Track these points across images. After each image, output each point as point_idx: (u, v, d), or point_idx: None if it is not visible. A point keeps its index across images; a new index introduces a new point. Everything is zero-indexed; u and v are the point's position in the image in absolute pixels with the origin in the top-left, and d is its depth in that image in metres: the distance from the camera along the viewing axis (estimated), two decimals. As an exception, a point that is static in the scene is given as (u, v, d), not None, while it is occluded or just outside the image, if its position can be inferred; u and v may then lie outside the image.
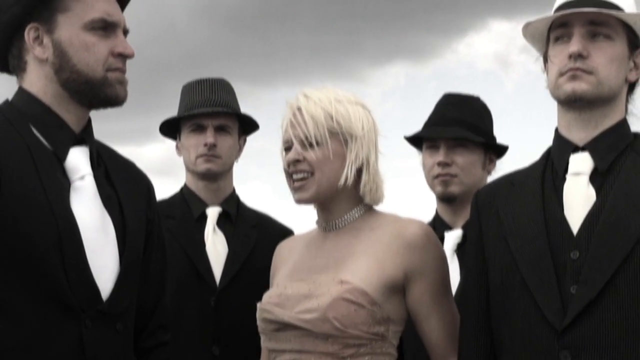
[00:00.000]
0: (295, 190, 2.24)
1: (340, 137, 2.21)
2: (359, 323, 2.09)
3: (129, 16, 2.12)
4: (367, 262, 2.16)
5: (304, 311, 2.12)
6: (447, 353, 2.20)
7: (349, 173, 2.21)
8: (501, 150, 2.97)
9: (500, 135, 2.97)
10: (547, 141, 2.17)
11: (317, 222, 2.33)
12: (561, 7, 2.09)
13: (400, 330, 2.21)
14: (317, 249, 2.29)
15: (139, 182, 2.24)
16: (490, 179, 2.88)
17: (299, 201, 2.25)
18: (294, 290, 2.19)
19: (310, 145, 2.20)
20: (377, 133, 2.29)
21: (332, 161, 2.20)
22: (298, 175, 2.22)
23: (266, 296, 2.27)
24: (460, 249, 2.77)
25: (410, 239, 2.17)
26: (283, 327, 2.17)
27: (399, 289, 2.17)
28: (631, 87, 2.14)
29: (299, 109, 2.23)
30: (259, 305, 2.27)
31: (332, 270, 2.18)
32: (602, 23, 2.04)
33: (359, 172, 2.24)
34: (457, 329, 2.21)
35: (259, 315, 2.26)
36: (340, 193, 2.24)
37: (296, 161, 2.21)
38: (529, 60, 2.22)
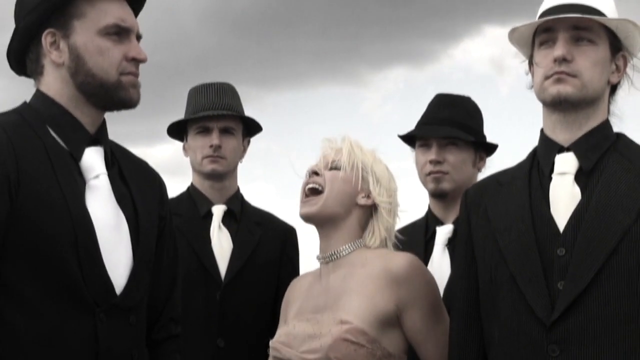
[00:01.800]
0: (303, 203, 2.30)
1: (361, 173, 2.29)
2: None
3: (141, 22, 2.13)
4: (359, 300, 2.17)
5: (308, 351, 2.14)
6: None
7: (355, 212, 2.29)
8: (491, 149, 2.97)
9: (497, 135, 2.98)
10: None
11: (318, 257, 2.35)
12: (545, 13, 2.09)
13: None
14: (319, 287, 2.31)
15: (151, 181, 2.23)
16: (480, 176, 2.88)
17: (304, 215, 2.30)
18: (300, 330, 2.20)
19: (335, 168, 2.29)
20: (398, 206, 2.37)
21: (345, 184, 2.28)
22: (310, 185, 2.29)
23: (277, 334, 2.29)
24: (451, 244, 2.77)
25: (396, 273, 2.18)
26: None
27: (393, 321, 2.18)
28: (613, 89, 2.14)
29: (339, 150, 2.33)
30: (270, 343, 2.29)
31: (331, 309, 2.19)
32: (586, 28, 2.04)
33: (370, 214, 2.31)
34: None
35: (270, 352, 2.28)
36: (344, 222, 2.28)
37: (315, 172, 2.30)
38: (522, 64, 2.22)
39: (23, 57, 2.09)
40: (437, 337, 2.20)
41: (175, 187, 3.23)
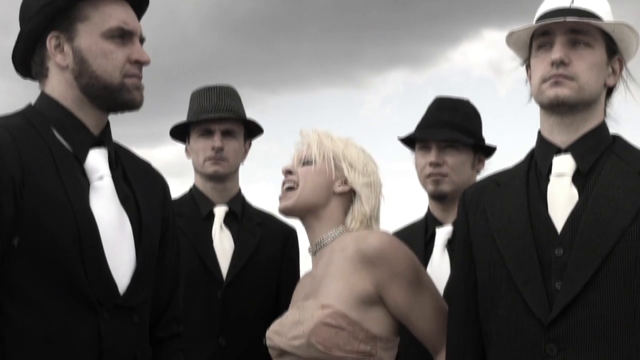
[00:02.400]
0: (280, 199, 2.34)
1: (333, 162, 2.30)
2: (341, 344, 2.10)
3: (144, 26, 2.12)
4: (337, 284, 2.17)
5: (293, 337, 2.15)
6: (438, 344, 2.21)
7: (330, 198, 2.30)
8: (489, 151, 2.97)
9: (495, 137, 2.98)
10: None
11: (308, 250, 2.38)
12: (543, 17, 2.09)
13: (392, 345, 2.20)
14: (309, 276, 2.35)
15: (155, 181, 2.23)
16: (479, 177, 2.87)
17: (281, 209, 2.35)
18: (289, 317, 2.21)
19: (307, 163, 2.32)
20: (380, 185, 2.36)
21: (318, 176, 2.29)
22: (286, 184, 2.33)
23: (272, 324, 2.31)
24: (450, 244, 2.76)
25: (368, 253, 2.18)
26: (281, 352, 2.20)
27: (375, 300, 2.16)
28: (609, 92, 2.14)
29: (309, 144, 2.35)
30: (267, 334, 2.31)
31: (313, 295, 2.21)
32: (582, 31, 2.04)
33: (351, 199, 2.31)
34: (443, 319, 2.20)
35: (267, 342, 2.29)
36: (324, 211, 2.30)
37: (289, 171, 2.33)
38: (520, 67, 2.21)
39: (28, 60, 2.09)
40: (422, 309, 2.19)
41: (177, 188, 3.23)
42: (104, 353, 1.95)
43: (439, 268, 2.72)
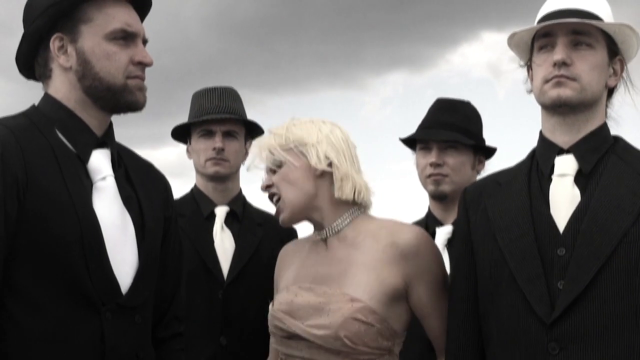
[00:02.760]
0: (277, 214, 2.26)
1: (295, 150, 2.21)
2: (368, 340, 2.07)
3: (147, 28, 2.12)
4: (367, 275, 2.12)
5: (315, 326, 2.09)
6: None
7: (314, 176, 2.20)
8: (490, 152, 2.97)
9: (494, 138, 2.98)
10: (536, 143, 2.16)
11: (315, 235, 2.29)
12: (544, 18, 2.09)
13: (402, 340, 2.19)
14: (320, 256, 2.24)
15: (157, 182, 2.23)
16: (479, 178, 2.88)
17: (282, 222, 2.26)
18: (304, 300, 2.15)
19: (273, 171, 2.24)
20: (345, 142, 2.24)
21: (288, 180, 2.21)
22: (274, 198, 2.26)
23: (277, 302, 2.23)
24: (450, 244, 2.77)
25: (404, 248, 2.13)
26: (293, 336, 2.15)
27: (401, 296, 2.14)
28: (610, 93, 2.14)
29: (264, 149, 2.27)
30: (270, 309, 2.24)
31: (337, 282, 2.14)
32: (584, 32, 2.03)
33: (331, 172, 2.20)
34: None
35: (270, 320, 2.23)
36: (319, 202, 2.21)
37: (267, 187, 2.26)
38: (519, 69, 2.21)
39: (31, 61, 2.09)
40: (442, 311, 2.17)
41: (179, 188, 3.23)
42: (106, 352, 1.94)
43: None
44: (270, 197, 2.28)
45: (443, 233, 2.81)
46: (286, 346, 2.17)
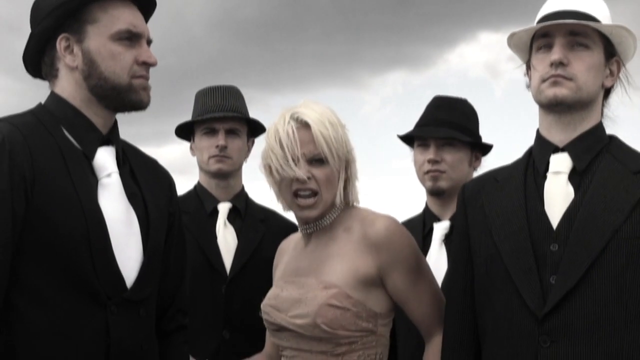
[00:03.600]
0: (302, 208, 2.15)
1: (337, 158, 2.14)
2: (346, 324, 2.07)
3: (151, 28, 2.12)
4: (341, 264, 2.12)
5: (296, 316, 2.10)
6: (431, 329, 2.19)
7: (341, 191, 2.17)
8: (486, 149, 2.96)
9: (491, 135, 2.98)
10: (532, 141, 2.16)
11: (300, 226, 2.27)
12: (543, 19, 2.09)
13: (389, 321, 2.18)
14: (302, 250, 2.26)
15: (161, 178, 2.23)
16: (475, 174, 2.87)
17: (308, 219, 2.17)
18: (287, 293, 2.16)
19: (319, 162, 2.12)
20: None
21: (333, 180, 2.15)
22: (305, 192, 2.13)
23: (266, 297, 2.25)
24: (448, 239, 2.76)
25: (375, 239, 2.12)
26: (280, 328, 2.16)
27: (377, 283, 2.13)
28: (607, 93, 2.13)
29: (304, 124, 2.12)
30: (262, 305, 2.25)
31: (314, 273, 2.15)
32: (581, 33, 2.03)
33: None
34: (437, 305, 2.19)
35: (262, 314, 2.24)
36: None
37: (307, 179, 2.11)
38: (515, 68, 2.22)
39: (38, 61, 2.09)
40: (420, 295, 2.16)
41: (183, 185, 3.22)
42: (111, 345, 1.95)
43: (437, 262, 2.71)
44: (298, 190, 2.15)
45: (440, 228, 2.80)
46: (278, 338, 2.19)
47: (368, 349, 2.11)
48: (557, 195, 2.03)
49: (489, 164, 2.93)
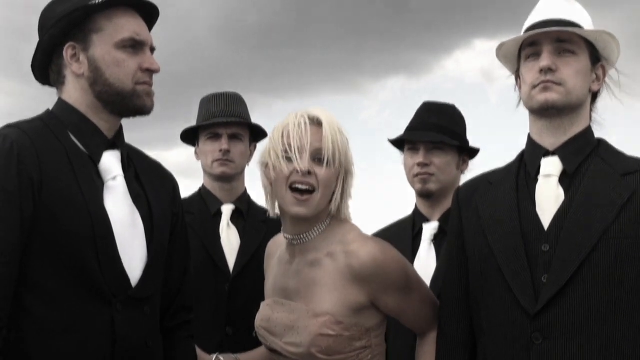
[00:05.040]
0: (296, 202, 2.00)
1: (338, 163, 2.03)
2: (341, 348, 2.00)
3: (156, 36, 2.11)
4: (330, 294, 2.01)
5: (290, 344, 2.03)
6: (425, 328, 2.17)
7: (337, 199, 2.05)
8: (473, 152, 2.93)
9: (486, 139, 2.95)
10: (524, 144, 2.14)
11: (284, 234, 2.12)
12: (530, 29, 2.08)
13: (382, 330, 2.11)
14: (287, 266, 2.12)
15: (165, 181, 2.21)
16: (463, 177, 2.86)
17: (298, 216, 2.02)
18: (279, 317, 2.07)
19: (320, 161, 2.00)
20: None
21: (331, 184, 2.03)
22: (304, 186, 2.00)
23: (259, 317, 2.14)
24: (436, 239, 2.74)
25: (361, 272, 1.98)
26: (276, 351, 2.09)
27: (368, 306, 2.04)
28: (594, 98, 2.12)
29: (316, 122, 2.02)
30: (256, 322, 2.16)
31: (303, 299, 2.05)
32: (567, 40, 2.03)
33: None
34: (430, 308, 2.14)
35: (257, 332, 2.15)
36: (321, 214, 2.06)
37: (308, 172, 1.99)
38: (510, 75, 2.19)
39: (46, 68, 2.08)
40: (412, 306, 2.09)
41: (189, 187, 3.21)
42: (117, 341, 1.93)
43: (426, 261, 2.69)
44: (296, 183, 2.01)
45: (429, 229, 2.78)
46: (275, 357, 2.13)
47: None
48: (548, 197, 2.01)
49: (483, 167, 2.90)
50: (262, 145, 3.20)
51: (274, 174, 2.03)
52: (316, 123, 2.03)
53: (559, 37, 2.02)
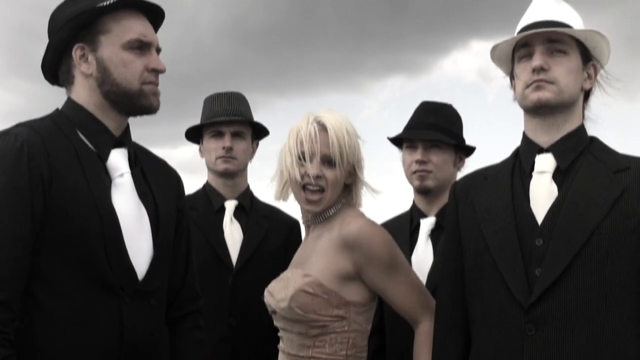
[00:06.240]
0: (308, 202, 2.20)
1: (345, 163, 2.19)
2: (317, 309, 2.10)
3: (163, 37, 2.11)
4: (321, 259, 2.16)
5: (280, 300, 2.15)
6: (416, 316, 2.19)
7: (358, 189, 2.24)
8: (469, 150, 2.92)
9: (482, 137, 2.93)
10: (519, 142, 2.13)
11: (302, 216, 2.31)
12: (522, 31, 2.07)
13: (365, 309, 2.18)
14: (304, 243, 2.32)
15: (170, 177, 2.21)
16: (459, 174, 2.84)
17: (309, 212, 2.22)
18: (280, 281, 2.21)
19: (330, 164, 2.17)
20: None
21: (340, 183, 2.20)
22: (314, 187, 2.18)
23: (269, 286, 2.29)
24: (433, 234, 2.73)
25: (349, 240, 2.14)
26: (273, 311, 2.21)
27: (353, 277, 2.14)
28: (586, 96, 2.11)
29: (324, 128, 2.17)
30: (265, 293, 2.29)
31: (302, 265, 2.20)
32: (558, 40, 2.02)
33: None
34: (417, 294, 2.18)
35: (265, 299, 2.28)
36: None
37: (317, 176, 2.17)
38: (505, 77, 2.18)
39: (56, 69, 2.07)
40: (397, 287, 2.16)
41: (195, 184, 3.22)
42: (125, 333, 1.93)
43: (423, 255, 2.69)
44: (307, 185, 2.19)
45: (427, 224, 2.77)
46: (274, 320, 2.24)
47: (340, 333, 2.12)
48: (542, 193, 2.00)
49: (480, 164, 2.89)
50: (264, 143, 3.23)
51: (287, 175, 2.22)
52: (324, 128, 2.18)
53: (550, 37, 2.01)
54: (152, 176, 2.10)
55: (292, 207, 3.05)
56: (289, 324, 2.15)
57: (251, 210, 3.09)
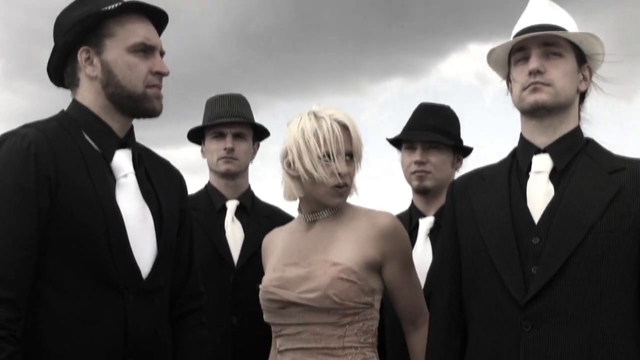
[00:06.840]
0: (338, 196, 2.18)
1: (358, 157, 2.22)
2: (353, 296, 2.08)
3: (166, 40, 2.11)
4: (349, 246, 2.14)
5: (306, 291, 2.09)
6: (416, 319, 2.20)
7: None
8: (467, 151, 2.93)
9: (480, 138, 2.93)
10: (516, 143, 2.13)
11: (302, 215, 2.27)
12: (518, 35, 2.08)
13: (380, 298, 2.20)
14: (303, 236, 2.25)
15: (173, 178, 2.21)
16: (457, 175, 2.84)
17: (332, 206, 2.21)
18: (292, 273, 2.15)
19: (350, 159, 2.19)
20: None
21: (354, 176, 2.23)
22: (342, 183, 2.17)
23: (266, 280, 2.22)
24: (432, 234, 2.74)
25: (383, 228, 2.15)
26: (287, 305, 2.13)
27: (377, 267, 2.15)
28: (582, 97, 2.11)
29: (344, 125, 2.17)
30: (261, 287, 2.22)
31: (321, 253, 2.15)
32: (554, 43, 2.02)
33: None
34: (420, 296, 2.21)
35: (262, 296, 2.21)
36: None
37: (347, 174, 2.18)
38: (501, 82, 2.19)
39: (61, 71, 2.07)
40: (407, 286, 2.19)
41: (198, 184, 3.23)
42: (129, 330, 1.93)
43: (422, 254, 2.69)
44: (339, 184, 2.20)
45: (425, 223, 2.78)
46: (280, 316, 2.16)
47: (368, 320, 2.13)
48: (539, 192, 2.00)
49: (480, 164, 2.89)
50: (265, 144, 3.23)
51: (306, 176, 2.14)
52: (343, 126, 2.18)
53: (546, 40, 2.02)
54: (156, 176, 2.10)
55: (292, 207, 3.06)
56: (317, 315, 2.09)
57: (252, 210, 3.09)
